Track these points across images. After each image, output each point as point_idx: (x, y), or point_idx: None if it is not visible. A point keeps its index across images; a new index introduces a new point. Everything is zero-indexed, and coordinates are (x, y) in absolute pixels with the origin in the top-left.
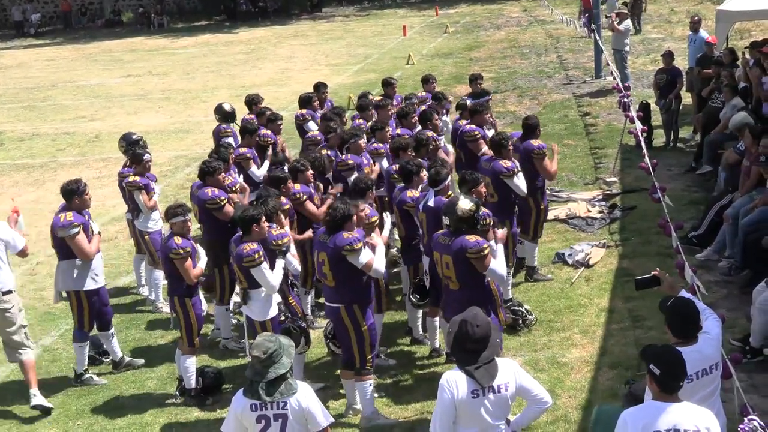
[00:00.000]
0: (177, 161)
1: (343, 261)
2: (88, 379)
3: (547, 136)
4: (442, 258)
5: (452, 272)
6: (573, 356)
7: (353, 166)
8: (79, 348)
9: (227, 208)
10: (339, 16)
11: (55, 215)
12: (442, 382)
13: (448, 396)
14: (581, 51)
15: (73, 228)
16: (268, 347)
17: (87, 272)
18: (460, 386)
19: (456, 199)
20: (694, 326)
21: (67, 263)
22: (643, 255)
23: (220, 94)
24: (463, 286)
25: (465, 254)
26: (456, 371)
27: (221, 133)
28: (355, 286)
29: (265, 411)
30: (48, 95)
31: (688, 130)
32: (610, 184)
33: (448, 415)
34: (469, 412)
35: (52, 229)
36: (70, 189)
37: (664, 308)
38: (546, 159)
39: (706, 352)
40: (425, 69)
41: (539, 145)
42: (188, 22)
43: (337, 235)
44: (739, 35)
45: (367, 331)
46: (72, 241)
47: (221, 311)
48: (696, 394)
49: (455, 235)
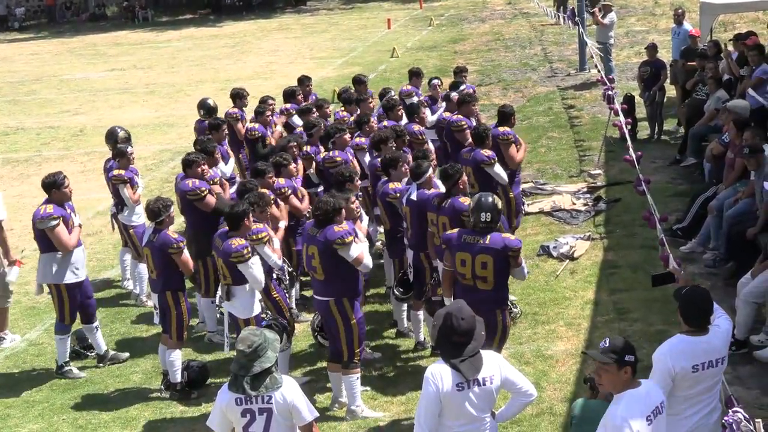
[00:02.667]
0: (161, 155)
1: (334, 254)
2: (68, 372)
3: (532, 129)
4: (476, 258)
5: (490, 272)
6: (558, 349)
7: (341, 162)
8: (60, 340)
9: (208, 198)
10: (323, 10)
11: (37, 209)
12: (426, 375)
13: (432, 389)
14: (565, 44)
15: (52, 220)
16: (253, 341)
17: (67, 265)
18: (444, 379)
19: (486, 196)
20: (706, 316)
21: (48, 256)
22: (628, 247)
23: (204, 88)
24: (497, 286)
25: (508, 253)
26: (441, 364)
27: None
28: (344, 279)
29: (250, 405)
30: (32, 89)
31: (673, 122)
32: (594, 177)
33: (433, 408)
34: (454, 405)
35: (33, 222)
36: (49, 182)
37: (678, 296)
38: (513, 146)
39: (715, 344)
40: (410, 62)
41: (505, 131)
42: (173, 15)
43: (328, 228)
44: (723, 28)
45: (356, 324)
46: (51, 233)
47: (207, 304)
48: (699, 384)
49: (487, 232)
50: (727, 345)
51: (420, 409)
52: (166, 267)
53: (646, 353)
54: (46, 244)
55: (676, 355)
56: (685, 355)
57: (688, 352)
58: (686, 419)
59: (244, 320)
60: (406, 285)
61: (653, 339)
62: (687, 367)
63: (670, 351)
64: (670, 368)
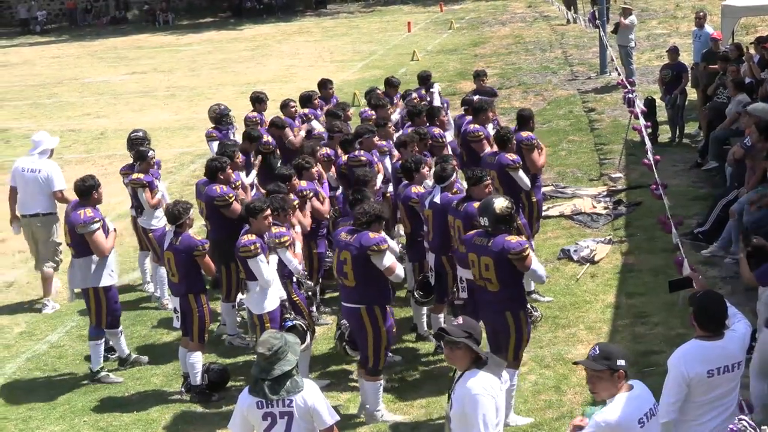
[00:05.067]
0: (182, 158)
1: (367, 261)
2: (104, 377)
3: (552, 132)
4: (480, 260)
5: (493, 274)
6: (578, 352)
7: (366, 163)
8: (96, 346)
9: (235, 205)
10: (343, 13)
11: (72, 212)
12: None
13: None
14: (586, 47)
15: (93, 224)
16: (273, 344)
17: (104, 268)
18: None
19: (491, 199)
20: (720, 321)
21: (84, 260)
22: (648, 251)
23: (225, 91)
24: (503, 287)
25: (507, 256)
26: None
27: (208, 137)
28: (375, 286)
29: (271, 408)
30: (53, 92)
31: (694, 125)
32: (615, 180)
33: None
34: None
35: (70, 226)
36: (88, 185)
37: (692, 301)
38: (535, 151)
39: (730, 349)
40: (430, 65)
41: (528, 136)
42: (193, 19)
43: (363, 234)
44: (745, 30)
45: (386, 332)
46: (91, 237)
47: (227, 308)
48: (715, 390)
49: (493, 235)
50: (745, 349)
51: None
52: (189, 270)
53: (667, 357)
54: (82, 248)
55: (690, 361)
56: (699, 361)
57: (702, 358)
58: (703, 425)
59: (258, 316)
60: (426, 288)
61: (673, 343)
62: (702, 373)
63: (685, 356)
64: (685, 374)
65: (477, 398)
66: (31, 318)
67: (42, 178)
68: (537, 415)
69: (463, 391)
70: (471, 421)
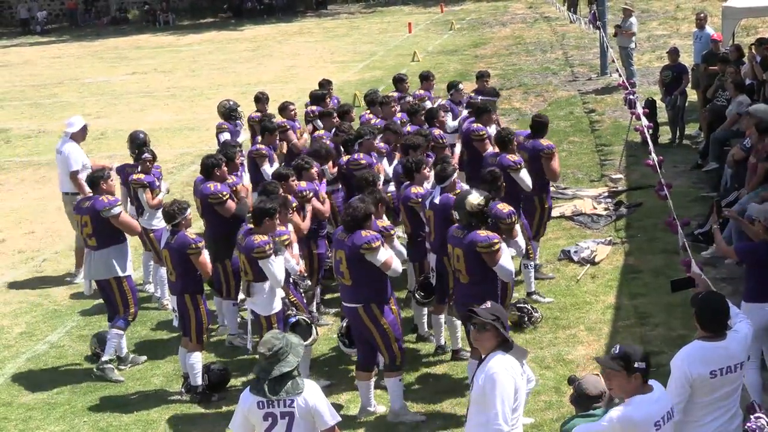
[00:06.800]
0: (182, 158)
1: (361, 260)
2: (109, 370)
3: (553, 134)
4: (454, 251)
5: (462, 265)
6: (579, 353)
7: (366, 165)
8: (119, 336)
9: (229, 203)
10: (344, 14)
11: (94, 199)
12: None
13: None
14: (587, 48)
15: (116, 207)
16: (274, 344)
17: (125, 257)
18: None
19: (466, 194)
20: (722, 321)
21: (105, 252)
22: (649, 252)
23: (225, 92)
24: (472, 280)
25: (475, 248)
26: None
27: (219, 129)
28: (372, 285)
29: (272, 409)
30: (54, 93)
31: (694, 127)
32: (615, 181)
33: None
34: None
35: (92, 214)
36: (96, 176)
37: (694, 302)
38: (555, 158)
39: (733, 349)
40: (430, 66)
41: (548, 145)
42: (194, 19)
43: (356, 233)
44: (746, 32)
45: (389, 326)
46: (117, 220)
47: (228, 306)
48: (718, 390)
49: (467, 229)
50: (747, 350)
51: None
52: (185, 269)
53: (668, 358)
54: (104, 238)
55: (692, 361)
56: (702, 361)
57: (705, 358)
58: (706, 426)
59: (265, 318)
60: (427, 289)
61: (674, 344)
62: (704, 373)
63: (687, 357)
64: (688, 374)
65: (496, 377)
66: (31, 318)
67: (64, 159)
68: (537, 415)
69: (485, 371)
70: (489, 400)
